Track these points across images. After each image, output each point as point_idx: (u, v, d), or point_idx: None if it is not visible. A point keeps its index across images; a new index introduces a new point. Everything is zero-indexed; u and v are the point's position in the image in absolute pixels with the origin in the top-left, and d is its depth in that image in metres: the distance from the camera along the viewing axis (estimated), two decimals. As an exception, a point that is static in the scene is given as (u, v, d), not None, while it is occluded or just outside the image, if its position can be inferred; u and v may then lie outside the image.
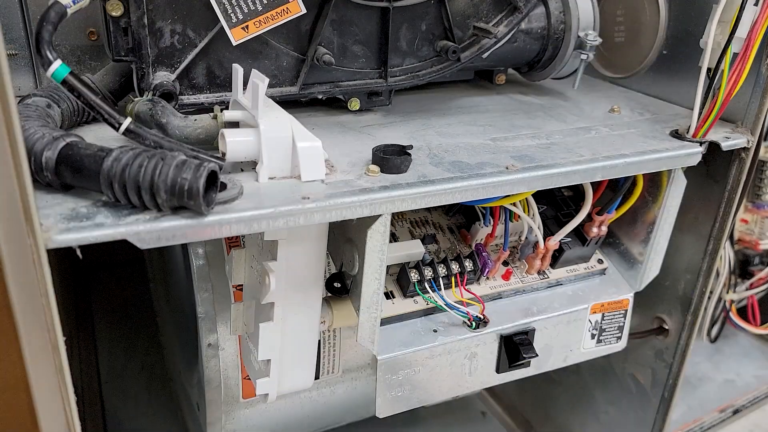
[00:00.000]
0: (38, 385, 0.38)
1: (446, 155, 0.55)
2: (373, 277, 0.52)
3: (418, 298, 0.61)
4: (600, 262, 0.71)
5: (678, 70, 0.73)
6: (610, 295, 0.69)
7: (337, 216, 0.46)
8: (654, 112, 0.71)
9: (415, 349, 0.59)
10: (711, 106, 0.60)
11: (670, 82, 0.74)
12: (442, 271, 0.61)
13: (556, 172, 0.54)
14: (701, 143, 0.62)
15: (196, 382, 0.72)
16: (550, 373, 0.73)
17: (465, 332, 0.61)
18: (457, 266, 0.61)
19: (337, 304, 0.57)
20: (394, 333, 0.60)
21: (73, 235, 0.37)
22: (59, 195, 0.42)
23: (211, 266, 0.62)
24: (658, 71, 0.75)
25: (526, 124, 0.64)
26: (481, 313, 0.62)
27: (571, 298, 0.68)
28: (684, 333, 0.76)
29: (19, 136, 0.33)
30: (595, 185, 0.66)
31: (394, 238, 0.64)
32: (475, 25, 0.64)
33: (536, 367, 0.67)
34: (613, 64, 0.81)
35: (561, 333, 0.67)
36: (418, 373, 0.60)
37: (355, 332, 0.55)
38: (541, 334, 0.65)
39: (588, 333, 0.69)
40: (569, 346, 0.69)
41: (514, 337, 0.63)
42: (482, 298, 0.63)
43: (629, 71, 0.79)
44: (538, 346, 0.64)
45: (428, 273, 0.60)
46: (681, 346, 0.77)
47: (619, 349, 0.73)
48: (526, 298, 0.67)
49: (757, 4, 0.58)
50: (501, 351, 0.64)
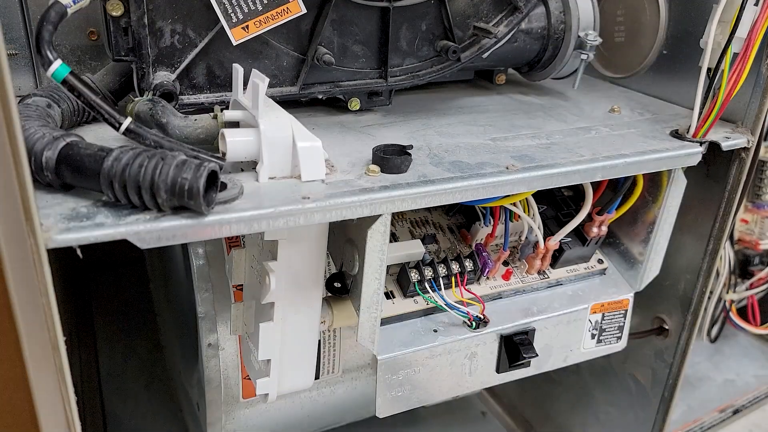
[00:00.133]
0: (38, 385, 0.38)
1: (446, 155, 0.55)
2: (374, 277, 0.52)
3: (418, 298, 0.61)
4: (600, 262, 0.71)
5: (678, 70, 0.73)
6: (610, 295, 0.69)
7: (337, 216, 0.46)
8: (654, 112, 0.71)
9: (415, 349, 0.59)
10: (711, 106, 0.60)
11: (670, 82, 0.74)
12: (442, 271, 0.61)
13: (556, 172, 0.54)
14: (701, 143, 0.62)
15: (196, 382, 0.72)
16: (550, 373, 0.73)
17: (465, 332, 0.61)
18: (457, 266, 0.61)
19: (337, 304, 0.57)
20: (394, 333, 0.60)
21: (74, 235, 0.37)
22: (59, 195, 0.42)
23: (211, 266, 0.62)
24: (658, 71, 0.75)
25: (526, 124, 0.64)
26: (481, 313, 0.62)
27: (571, 298, 0.68)
28: (684, 333, 0.76)
29: (20, 136, 0.33)
30: (595, 185, 0.66)
31: (394, 238, 0.64)
32: (475, 25, 0.64)
33: (536, 367, 0.67)
34: (613, 64, 0.81)
35: (561, 333, 0.67)
36: (418, 373, 0.60)
37: (355, 332, 0.55)
38: (541, 334, 0.65)
39: (588, 333, 0.69)
40: (569, 346, 0.69)
41: (514, 337, 0.63)
42: (482, 298, 0.63)
43: (629, 71, 0.79)
44: (538, 346, 0.64)
45: (428, 273, 0.60)
46: (681, 346, 0.76)
47: (619, 349, 0.73)
48: (526, 298, 0.67)
49: (757, 4, 0.58)
50: (501, 351, 0.64)
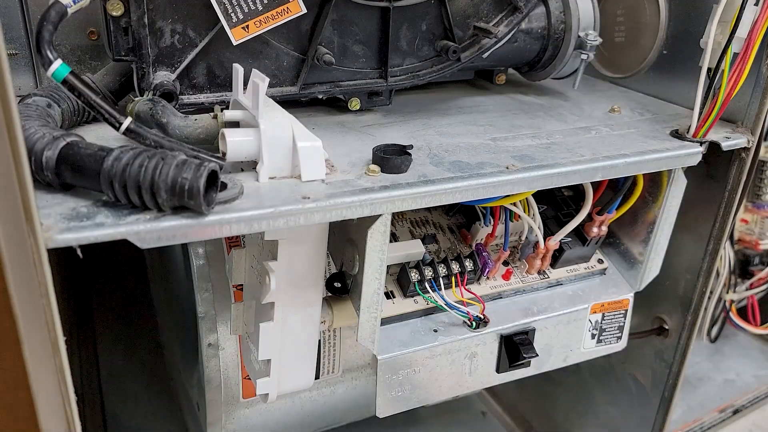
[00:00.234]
0: (38, 385, 0.38)
1: (446, 155, 0.55)
2: (374, 276, 0.52)
3: (419, 297, 0.61)
4: (600, 262, 0.71)
5: (678, 70, 0.73)
6: (610, 295, 0.69)
7: (337, 216, 0.46)
8: (654, 112, 0.71)
9: (415, 348, 0.59)
10: (711, 106, 0.60)
11: (670, 82, 0.74)
12: (443, 271, 0.61)
13: (557, 172, 0.54)
14: (701, 143, 0.62)
15: (196, 382, 0.72)
16: (550, 373, 0.73)
17: (465, 332, 0.61)
18: (458, 266, 0.61)
19: (337, 304, 0.57)
20: (395, 333, 0.60)
21: (74, 235, 0.37)
22: (59, 195, 0.42)
23: (211, 266, 0.62)
24: (658, 71, 0.75)
25: (527, 124, 0.64)
26: (482, 313, 0.62)
27: (571, 298, 0.68)
28: (684, 333, 0.76)
29: (20, 136, 0.33)
30: (596, 185, 0.66)
31: (394, 237, 0.64)
32: (476, 25, 0.64)
33: (536, 367, 0.67)
34: (614, 64, 0.81)
35: (561, 333, 0.67)
36: (418, 372, 0.60)
37: (356, 332, 0.55)
38: (541, 334, 0.65)
39: (588, 333, 0.69)
40: (569, 346, 0.69)
41: (514, 337, 0.63)
42: (482, 297, 0.63)
43: (629, 71, 0.79)
44: (538, 346, 0.64)
45: (428, 273, 0.60)
46: (681, 346, 0.76)
47: (619, 349, 0.73)
48: (526, 298, 0.67)
49: (757, 4, 0.58)
50: (501, 351, 0.64)
